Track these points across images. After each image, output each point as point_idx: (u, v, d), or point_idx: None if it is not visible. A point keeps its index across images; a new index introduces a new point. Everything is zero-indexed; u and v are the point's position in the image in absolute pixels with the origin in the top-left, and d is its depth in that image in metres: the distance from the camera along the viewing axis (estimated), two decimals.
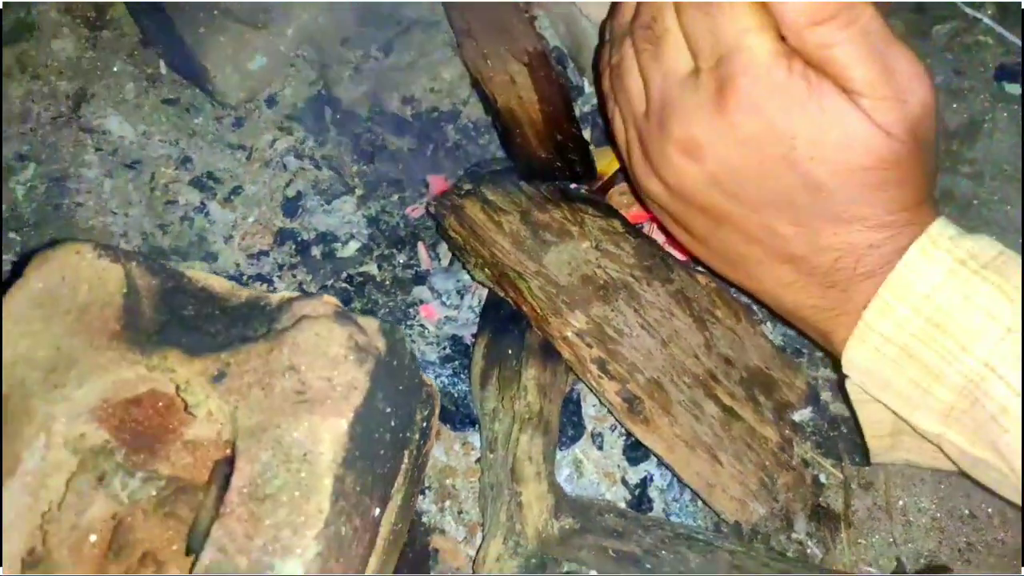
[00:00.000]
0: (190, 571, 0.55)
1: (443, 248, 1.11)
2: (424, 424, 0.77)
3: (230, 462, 0.59)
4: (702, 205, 0.76)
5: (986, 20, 1.29)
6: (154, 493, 0.59)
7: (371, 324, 0.63)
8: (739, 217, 0.74)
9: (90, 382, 0.58)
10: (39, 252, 0.64)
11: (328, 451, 0.55)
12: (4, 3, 1.21)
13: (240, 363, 0.58)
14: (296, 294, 0.64)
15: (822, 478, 0.98)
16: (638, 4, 0.75)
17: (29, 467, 0.56)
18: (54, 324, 0.59)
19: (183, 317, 0.61)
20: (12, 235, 1.11)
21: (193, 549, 0.57)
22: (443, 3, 1.21)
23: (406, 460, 0.73)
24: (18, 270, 0.63)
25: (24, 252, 1.11)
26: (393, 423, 0.64)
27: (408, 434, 0.71)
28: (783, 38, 0.63)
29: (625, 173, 0.91)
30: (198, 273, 0.65)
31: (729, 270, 0.84)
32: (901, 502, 0.97)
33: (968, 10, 1.30)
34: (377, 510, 0.65)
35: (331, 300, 0.61)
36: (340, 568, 0.56)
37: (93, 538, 0.60)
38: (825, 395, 1.04)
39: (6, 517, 0.54)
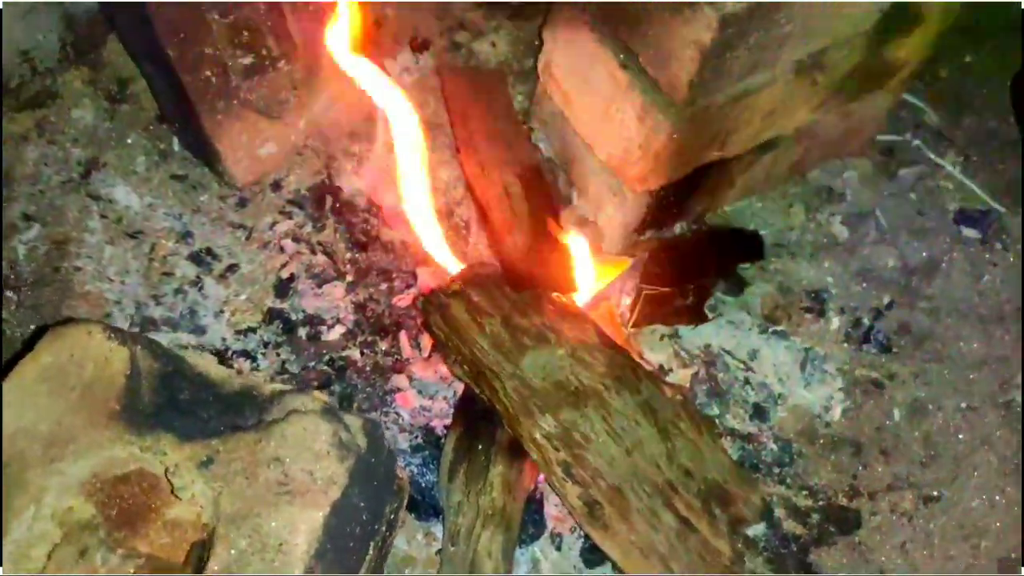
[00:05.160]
0: None
1: (424, 339, 1.16)
2: (392, 516, 0.80)
3: (204, 545, 0.61)
4: None
5: (948, 167, 1.41)
6: (132, 571, 0.62)
7: (355, 422, 0.67)
8: None
9: (85, 458, 0.61)
10: (52, 328, 0.67)
11: (303, 542, 0.58)
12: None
13: (228, 451, 0.61)
14: (288, 387, 0.68)
15: None
16: None
17: (15, 536, 0.59)
18: (59, 399, 0.63)
19: (179, 401, 0.65)
20: (9, 294, 1.14)
21: None
22: (447, 109, 1.30)
23: (371, 551, 0.76)
24: (31, 342, 0.67)
25: (19, 311, 1.14)
26: (364, 516, 0.67)
27: (376, 526, 0.74)
28: None
29: None
30: (197, 358, 0.69)
31: None
32: None
33: (933, 156, 1.41)
34: None
35: (320, 396, 0.66)
36: None
37: None
38: (779, 512, 1.08)
39: None
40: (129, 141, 1.29)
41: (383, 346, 1.16)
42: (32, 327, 1.12)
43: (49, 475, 0.61)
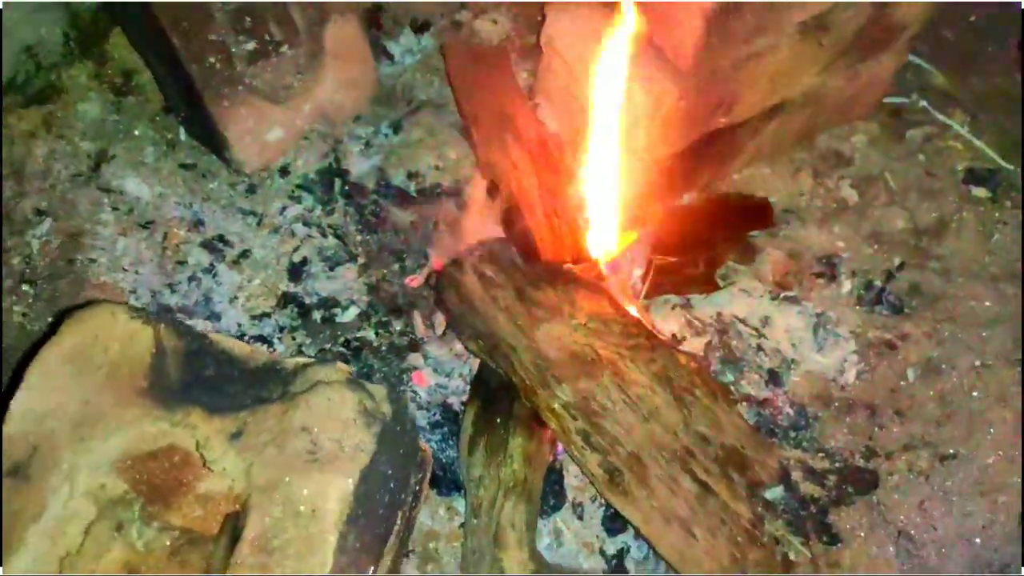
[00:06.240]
0: None
1: (438, 317, 1.17)
2: (417, 488, 0.81)
3: (238, 515, 0.63)
4: None
5: (956, 127, 1.40)
6: (168, 543, 0.63)
7: (379, 391, 0.68)
8: None
9: (115, 436, 0.62)
10: (74, 311, 0.68)
11: (335, 508, 0.59)
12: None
13: (257, 422, 0.62)
14: (311, 359, 0.69)
15: (791, 555, 1.02)
16: None
17: (51, 514, 0.60)
18: (85, 380, 0.64)
19: (205, 377, 0.66)
20: (25, 287, 1.15)
21: None
22: (452, 88, 1.30)
23: (399, 521, 0.77)
24: (54, 327, 0.68)
25: (36, 304, 1.15)
26: (392, 485, 0.68)
27: (403, 496, 0.75)
28: None
29: None
30: (219, 336, 0.70)
31: None
32: None
33: (940, 116, 1.41)
34: (371, 568, 0.68)
35: (344, 367, 0.67)
36: None
37: None
38: (796, 475, 1.09)
39: (28, 560, 0.57)
40: (137, 133, 1.30)
41: (397, 326, 1.17)
42: (48, 319, 1.13)
43: (80, 454, 0.62)
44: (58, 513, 0.60)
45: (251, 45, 1.15)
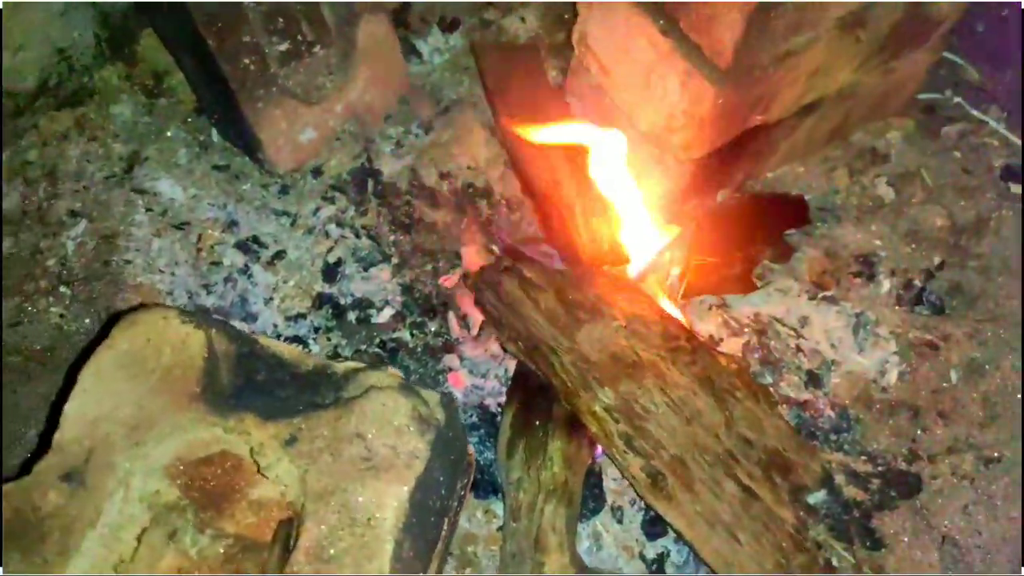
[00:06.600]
0: None
1: (473, 318, 1.16)
2: (462, 492, 0.80)
3: (292, 523, 0.62)
4: None
5: (992, 123, 1.38)
6: (221, 550, 0.62)
7: (432, 397, 0.67)
8: None
9: (168, 441, 0.62)
10: (125, 314, 0.68)
11: (391, 516, 0.58)
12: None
13: (311, 428, 0.62)
14: (362, 365, 0.68)
15: (835, 561, 1.01)
16: None
17: (107, 520, 0.59)
18: (138, 384, 0.63)
19: (256, 382, 0.65)
20: (63, 288, 1.15)
21: None
22: (484, 87, 1.29)
23: (445, 527, 0.76)
24: (105, 330, 0.67)
25: (73, 306, 1.15)
26: (443, 491, 0.68)
27: (450, 501, 0.74)
28: None
29: None
30: (269, 340, 0.69)
31: None
32: None
33: (975, 112, 1.39)
34: (422, 575, 0.68)
35: (396, 373, 0.66)
36: None
37: None
38: (839, 478, 1.07)
39: (84, 567, 0.57)
40: (169, 134, 1.29)
41: (432, 327, 1.16)
42: (86, 320, 1.13)
43: (135, 459, 0.61)
44: (113, 519, 0.60)
45: (284, 46, 1.15)
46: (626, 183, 1.14)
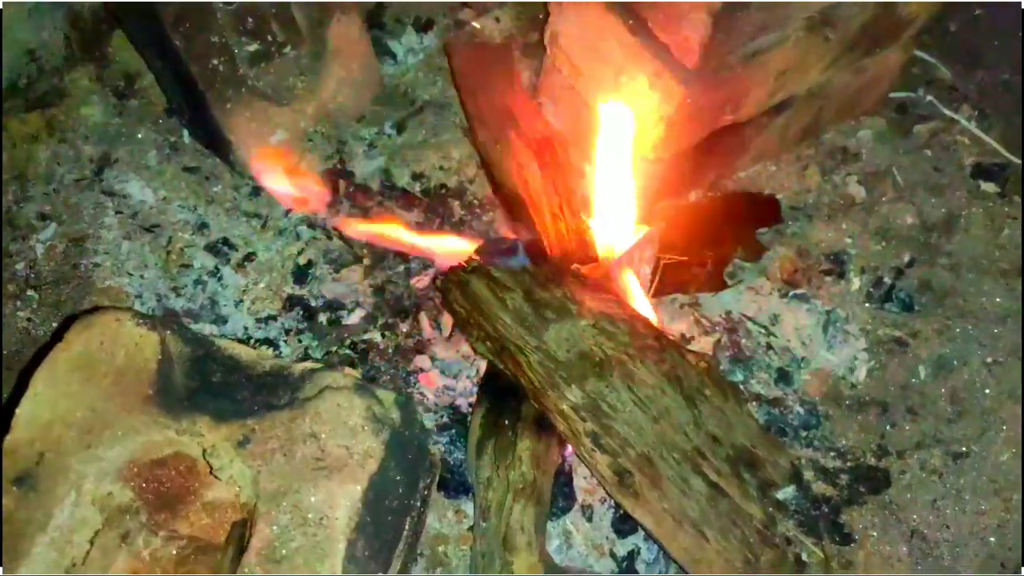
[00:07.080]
0: None
1: (445, 319, 1.16)
2: (425, 492, 0.80)
3: (245, 524, 0.62)
4: None
5: (963, 121, 1.39)
6: (174, 552, 0.62)
7: (388, 396, 0.67)
8: None
9: (121, 443, 0.62)
10: (79, 317, 0.68)
11: (343, 516, 0.58)
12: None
13: (265, 429, 0.62)
14: (318, 364, 0.68)
15: (804, 556, 1.01)
16: None
17: (58, 523, 0.59)
18: (92, 387, 0.63)
19: (212, 384, 0.65)
20: (31, 292, 1.15)
21: None
22: (456, 87, 1.29)
23: (407, 527, 0.76)
24: (59, 333, 0.67)
25: (41, 309, 1.14)
26: (400, 491, 0.68)
27: (411, 501, 0.74)
28: None
29: None
30: (226, 342, 0.69)
31: None
32: None
33: (947, 111, 1.40)
34: (381, 575, 0.67)
35: (352, 372, 0.66)
36: None
37: None
38: (808, 474, 1.08)
39: (36, 571, 0.57)
40: (139, 136, 1.29)
41: (404, 328, 1.16)
42: (54, 324, 1.12)
43: (87, 462, 0.61)
44: (65, 522, 0.60)
45: (254, 46, 1.15)
46: (597, 182, 1.14)
